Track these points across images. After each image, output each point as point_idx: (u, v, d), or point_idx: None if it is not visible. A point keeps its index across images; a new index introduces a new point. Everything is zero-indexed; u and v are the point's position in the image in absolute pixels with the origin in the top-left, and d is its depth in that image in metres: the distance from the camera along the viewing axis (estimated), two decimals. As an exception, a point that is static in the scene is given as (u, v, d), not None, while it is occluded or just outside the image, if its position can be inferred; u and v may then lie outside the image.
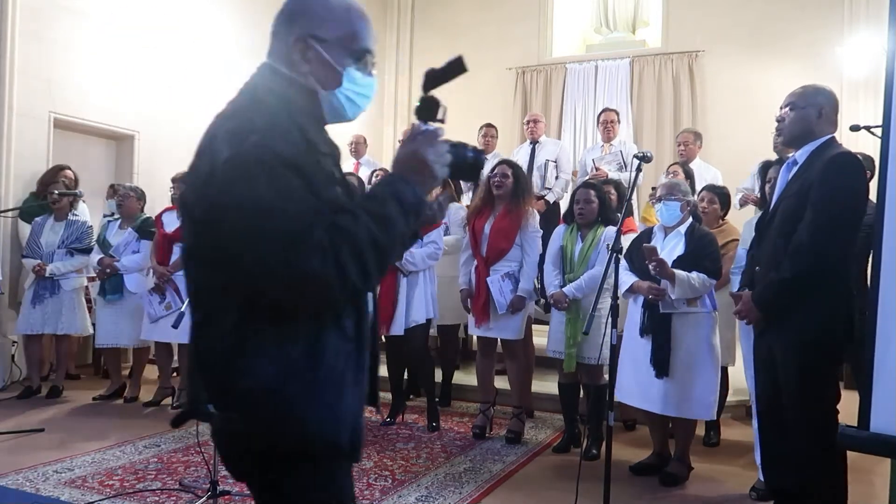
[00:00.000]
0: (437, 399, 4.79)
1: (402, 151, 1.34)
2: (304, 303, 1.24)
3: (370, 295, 1.43)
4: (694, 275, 3.46)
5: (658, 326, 3.54)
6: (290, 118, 1.28)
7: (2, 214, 5.35)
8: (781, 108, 2.85)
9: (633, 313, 3.71)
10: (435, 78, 1.38)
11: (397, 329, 4.46)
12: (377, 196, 1.27)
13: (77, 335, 5.52)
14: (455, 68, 1.37)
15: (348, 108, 1.40)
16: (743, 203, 5.17)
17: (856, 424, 1.91)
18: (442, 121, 1.37)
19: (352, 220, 1.21)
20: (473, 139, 6.72)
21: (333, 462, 1.34)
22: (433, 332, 5.02)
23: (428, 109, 1.36)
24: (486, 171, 5.09)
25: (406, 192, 1.27)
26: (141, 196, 5.41)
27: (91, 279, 5.65)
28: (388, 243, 1.24)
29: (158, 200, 6.15)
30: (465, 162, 1.40)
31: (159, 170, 6.58)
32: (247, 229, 1.18)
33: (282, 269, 1.17)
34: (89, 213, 5.69)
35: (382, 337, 5.86)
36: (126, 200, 5.29)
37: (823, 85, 2.89)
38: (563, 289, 4.05)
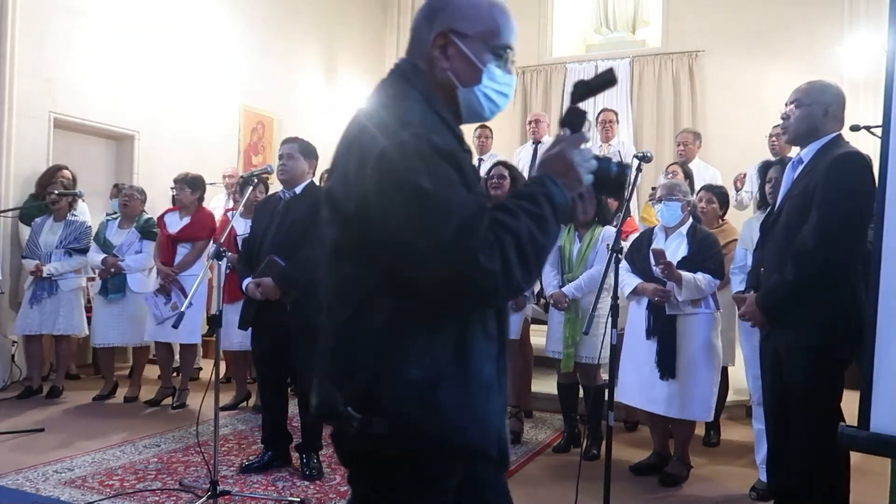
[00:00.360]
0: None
1: (547, 154, 1.32)
2: (464, 299, 1.19)
3: None
4: (699, 276, 3.46)
5: (664, 328, 3.54)
6: (436, 113, 1.27)
7: (2, 214, 5.35)
8: (787, 104, 2.78)
9: (637, 315, 3.71)
10: (584, 90, 1.37)
11: None
12: (531, 195, 1.23)
13: (75, 336, 5.51)
14: (605, 80, 1.37)
15: (486, 106, 1.37)
16: (737, 188, 5.26)
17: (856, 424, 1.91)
18: (586, 132, 1.35)
19: (512, 217, 1.18)
20: (470, 139, 6.73)
21: (478, 469, 1.31)
22: None
23: (574, 120, 1.35)
24: (483, 171, 5.13)
25: (556, 194, 1.24)
26: (145, 198, 5.44)
27: (90, 279, 5.65)
28: (545, 243, 1.21)
29: (158, 200, 6.16)
30: (609, 175, 1.35)
31: (159, 170, 6.59)
32: (408, 220, 1.14)
33: (446, 263, 1.13)
34: (90, 212, 5.70)
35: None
36: (132, 201, 5.31)
37: (830, 81, 2.82)
38: (563, 289, 4.05)
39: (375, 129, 1.22)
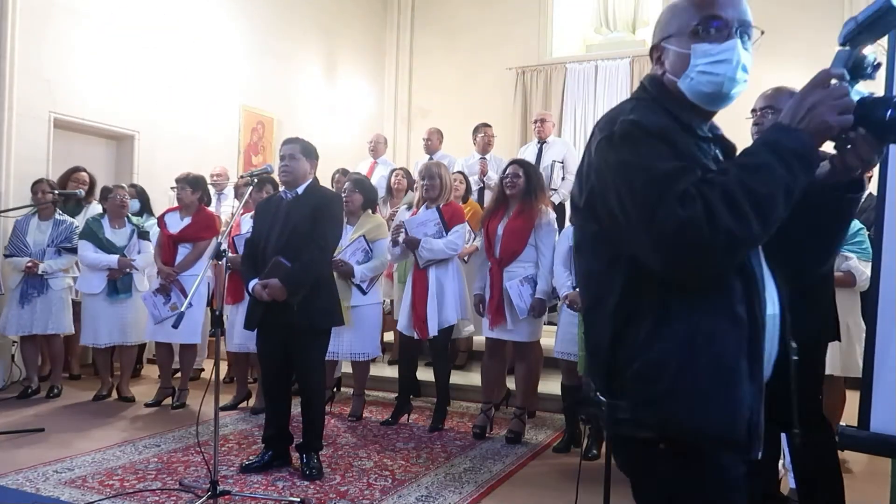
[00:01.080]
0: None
1: (789, 101, 1.27)
2: (679, 259, 1.19)
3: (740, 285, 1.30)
4: None
5: None
6: (659, 105, 1.36)
7: (2, 214, 5.34)
8: (758, 110, 2.77)
9: None
10: (853, 28, 1.28)
11: (432, 330, 4.41)
12: (748, 150, 1.26)
13: (62, 335, 5.46)
14: (883, 15, 1.23)
15: (705, 80, 1.35)
16: None
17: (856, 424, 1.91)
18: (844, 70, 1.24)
19: (720, 174, 1.21)
20: (472, 139, 6.71)
21: (725, 456, 1.29)
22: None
23: (839, 62, 1.27)
24: (498, 173, 5.09)
25: (782, 138, 1.22)
26: (134, 196, 5.48)
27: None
28: (766, 190, 1.17)
29: (158, 200, 6.16)
30: (880, 115, 1.19)
31: (159, 170, 6.60)
32: (618, 194, 1.24)
33: (653, 224, 1.19)
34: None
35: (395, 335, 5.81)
36: (126, 202, 5.32)
37: (789, 86, 2.75)
38: (578, 289, 4.03)
39: (598, 130, 1.36)
